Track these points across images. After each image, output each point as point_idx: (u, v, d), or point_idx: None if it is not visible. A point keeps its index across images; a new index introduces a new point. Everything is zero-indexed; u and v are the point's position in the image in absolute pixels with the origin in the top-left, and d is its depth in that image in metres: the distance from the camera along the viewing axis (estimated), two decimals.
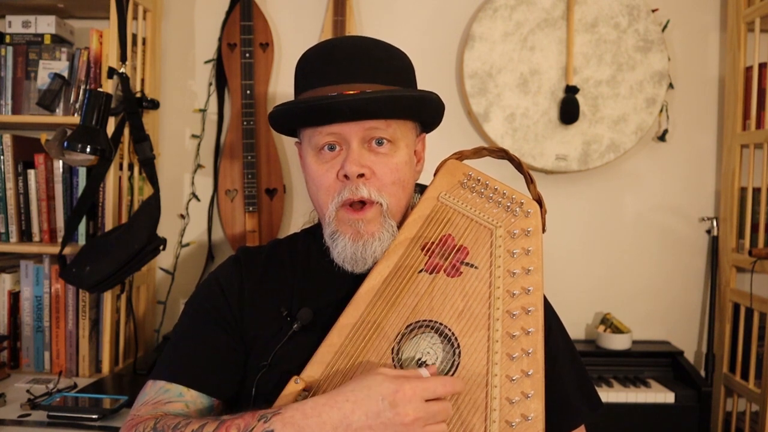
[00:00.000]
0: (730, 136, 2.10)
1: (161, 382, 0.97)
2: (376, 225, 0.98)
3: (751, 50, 2.04)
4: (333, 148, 0.98)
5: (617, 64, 2.07)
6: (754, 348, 1.94)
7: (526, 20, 2.07)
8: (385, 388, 0.79)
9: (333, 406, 0.79)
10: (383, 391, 0.79)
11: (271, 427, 0.79)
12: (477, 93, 2.08)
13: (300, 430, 0.78)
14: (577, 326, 2.23)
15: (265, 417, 0.80)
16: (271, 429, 0.79)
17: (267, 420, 0.80)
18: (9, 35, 1.99)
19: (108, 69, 1.86)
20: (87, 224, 1.94)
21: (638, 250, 2.22)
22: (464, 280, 0.97)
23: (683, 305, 2.23)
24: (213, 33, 2.20)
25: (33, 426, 1.52)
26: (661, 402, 1.90)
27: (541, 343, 0.94)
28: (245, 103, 2.09)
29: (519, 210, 1.01)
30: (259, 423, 0.80)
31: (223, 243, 2.23)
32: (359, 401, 0.79)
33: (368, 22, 2.19)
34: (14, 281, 1.97)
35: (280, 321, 1.00)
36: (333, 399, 0.80)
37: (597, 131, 2.08)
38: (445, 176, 1.05)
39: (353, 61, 0.97)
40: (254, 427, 0.80)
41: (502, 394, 0.90)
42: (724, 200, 2.13)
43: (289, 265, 1.07)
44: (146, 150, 1.94)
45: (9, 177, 1.94)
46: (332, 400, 0.80)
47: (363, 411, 0.79)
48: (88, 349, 1.93)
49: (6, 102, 1.99)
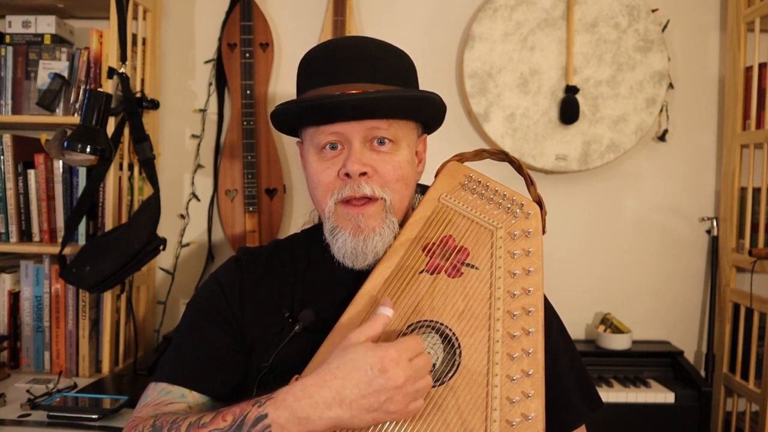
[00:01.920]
0: (730, 136, 2.10)
1: (163, 384, 0.97)
2: (377, 220, 0.97)
3: (751, 50, 2.04)
4: (335, 147, 0.98)
5: (617, 64, 2.07)
6: (754, 348, 1.94)
7: (526, 20, 2.07)
8: (370, 357, 0.80)
9: (322, 385, 0.80)
10: (369, 360, 0.80)
11: (265, 411, 0.80)
12: (477, 93, 2.08)
13: (294, 411, 0.79)
14: (577, 326, 2.23)
15: (258, 402, 0.81)
16: (265, 412, 0.80)
17: (261, 405, 0.81)
18: (9, 35, 1.99)
19: (108, 69, 1.86)
20: (87, 224, 1.94)
21: (638, 250, 2.22)
22: (465, 281, 0.97)
23: (683, 305, 2.23)
24: (213, 33, 2.20)
25: (33, 426, 1.52)
26: (661, 402, 1.90)
27: (541, 343, 0.94)
28: (245, 103, 2.09)
29: (519, 211, 1.01)
30: (254, 408, 0.81)
31: (223, 243, 2.23)
32: (348, 375, 0.80)
33: (368, 22, 2.19)
34: (14, 281, 1.97)
35: (282, 322, 1.00)
36: (321, 378, 0.80)
37: (597, 131, 2.08)
38: (446, 178, 1.05)
39: (355, 61, 0.97)
40: (249, 411, 0.81)
41: (503, 393, 0.91)
42: (724, 200, 2.13)
43: (290, 265, 1.07)
44: (146, 150, 1.94)
45: (9, 177, 1.94)
46: (320, 379, 0.80)
47: (354, 383, 0.79)
48: (88, 349, 1.93)
49: (6, 102, 1.99)
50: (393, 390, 0.80)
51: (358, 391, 0.79)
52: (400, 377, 0.80)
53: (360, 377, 0.79)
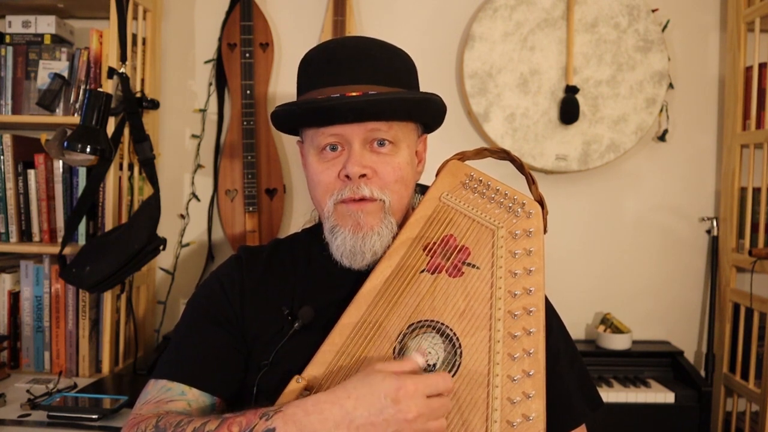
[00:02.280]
0: (730, 136, 2.10)
1: (163, 381, 0.97)
2: (376, 219, 0.98)
3: (751, 50, 2.04)
4: (335, 149, 0.98)
5: (617, 64, 2.07)
6: (754, 348, 1.94)
7: (526, 20, 2.07)
8: (387, 385, 0.79)
9: (335, 402, 0.79)
10: (385, 388, 0.79)
11: (273, 425, 0.79)
12: (477, 93, 2.08)
13: (302, 427, 0.78)
14: (577, 326, 2.23)
15: (266, 415, 0.80)
16: (273, 427, 0.79)
17: (269, 418, 0.80)
18: (9, 35, 1.99)
19: (108, 69, 1.86)
20: (87, 224, 1.93)
21: (638, 250, 2.22)
22: (466, 281, 0.97)
23: (683, 305, 2.23)
24: (213, 33, 2.20)
25: (33, 426, 1.52)
26: (661, 402, 1.90)
27: (542, 343, 0.94)
28: (245, 103, 2.09)
29: (521, 211, 1.01)
30: (261, 421, 0.80)
31: (223, 243, 2.23)
32: (361, 398, 0.79)
33: (368, 22, 2.19)
34: (14, 281, 1.96)
35: (282, 320, 1.00)
36: (335, 396, 0.80)
37: (597, 131, 2.08)
38: (447, 177, 1.05)
39: (356, 62, 0.97)
40: (256, 425, 0.79)
41: (504, 394, 0.90)
42: (724, 200, 2.13)
43: (290, 264, 1.07)
44: (146, 150, 1.94)
45: (9, 177, 1.94)
46: (334, 396, 0.80)
47: (365, 407, 0.78)
48: (88, 349, 1.92)
49: (6, 102, 1.99)
50: (402, 423, 0.79)
51: (367, 416, 0.78)
52: (412, 412, 0.79)
53: (372, 402, 0.79)
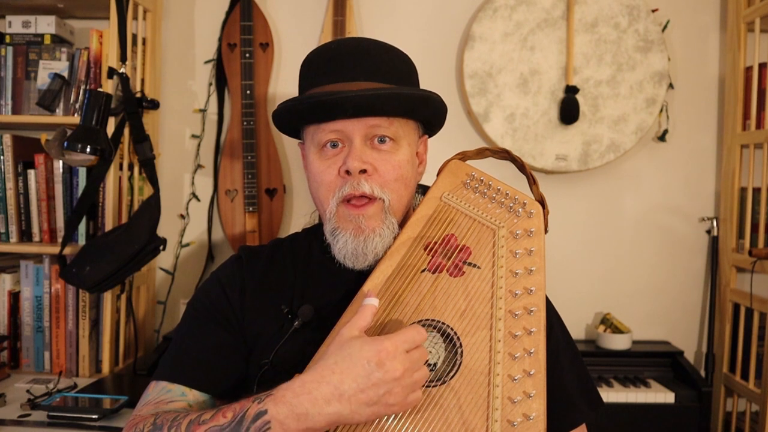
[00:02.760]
0: (730, 136, 2.10)
1: (163, 383, 0.97)
2: (377, 221, 0.98)
3: (751, 50, 2.04)
4: (335, 145, 0.98)
5: (617, 64, 2.07)
6: (754, 348, 1.94)
7: (526, 20, 2.07)
8: (367, 351, 0.80)
9: (320, 381, 0.80)
10: (366, 354, 0.80)
11: (265, 407, 0.80)
12: (477, 93, 2.08)
13: (293, 407, 0.79)
14: (577, 326, 2.23)
15: (258, 398, 0.82)
16: (265, 408, 0.80)
17: (260, 401, 0.81)
18: (9, 35, 1.99)
19: (108, 69, 1.86)
20: (87, 224, 1.93)
21: (638, 250, 2.22)
22: (467, 280, 0.97)
23: (683, 305, 2.23)
24: (213, 33, 2.20)
25: (33, 426, 1.52)
26: (661, 402, 1.90)
27: (543, 343, 0.93)
28: (245, 103, 2.09)
29: (522, 210, 1.01)
30: (253, 404, 0.81)
31: (223, 243, 2.23)
32: (345, 370, 0.80)
33: (368, 22, 2.19)
34: (14, 281, 1.96)
35: (282, 319, 1.00)
36: (319, 374, 0.80)
37: (597, 131, 2.08)
38: (448, 176, 1.05)
39: (356, 60, 0.97)
40: (249, 408, 0.81)
41: (504, 393, 0.90)
42: (724, 200, 2.13)
43: (290, 263, 1.07)
44: (146, 150, 1.94)
45: (9, 177, 1.94)
46: (318, 375, 0.80)
47: (352, 378, 0.79)
48: (88, 349, 1.92)
49: (6, 102, 1.99)
50: (391, 382, 0.80)
51: (356, 386, 0.79)
52: (398, 369, 0.80)
53: (358, 371, 0.79)
